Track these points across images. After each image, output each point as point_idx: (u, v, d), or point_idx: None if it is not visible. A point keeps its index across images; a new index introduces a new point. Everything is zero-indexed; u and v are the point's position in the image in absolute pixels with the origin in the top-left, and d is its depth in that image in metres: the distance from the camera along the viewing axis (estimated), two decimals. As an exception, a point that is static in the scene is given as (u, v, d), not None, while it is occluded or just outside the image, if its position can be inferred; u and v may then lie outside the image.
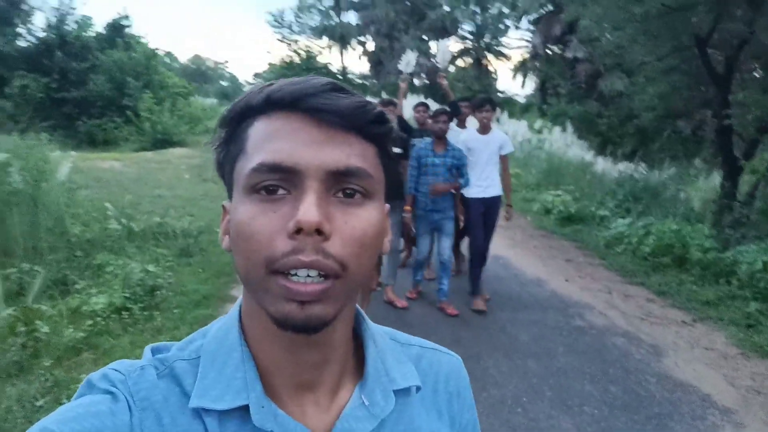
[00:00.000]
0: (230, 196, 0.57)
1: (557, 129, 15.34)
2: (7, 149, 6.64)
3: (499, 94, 36.79)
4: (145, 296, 4.83)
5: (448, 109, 4.88)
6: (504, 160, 4.97)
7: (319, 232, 0.48)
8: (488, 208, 4.90)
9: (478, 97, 5.14)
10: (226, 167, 0.57)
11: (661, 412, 3.30)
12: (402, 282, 5.11)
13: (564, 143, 14.64)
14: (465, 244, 5.47)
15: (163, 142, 17.19)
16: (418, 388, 0.65)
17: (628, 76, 16.03)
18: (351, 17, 41.69)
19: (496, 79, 41.23)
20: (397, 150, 4.67)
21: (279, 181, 0.51)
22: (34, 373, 3.61)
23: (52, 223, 6.04)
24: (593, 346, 4.17)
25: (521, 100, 37.36)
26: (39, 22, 29.39)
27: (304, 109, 0.52)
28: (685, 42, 8.27)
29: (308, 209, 0.48)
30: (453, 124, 5.08)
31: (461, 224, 5.20)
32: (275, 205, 0.51)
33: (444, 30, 40.66)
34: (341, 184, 0.52)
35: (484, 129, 4.88)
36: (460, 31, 41.62)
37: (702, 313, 4.78)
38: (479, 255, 4.92)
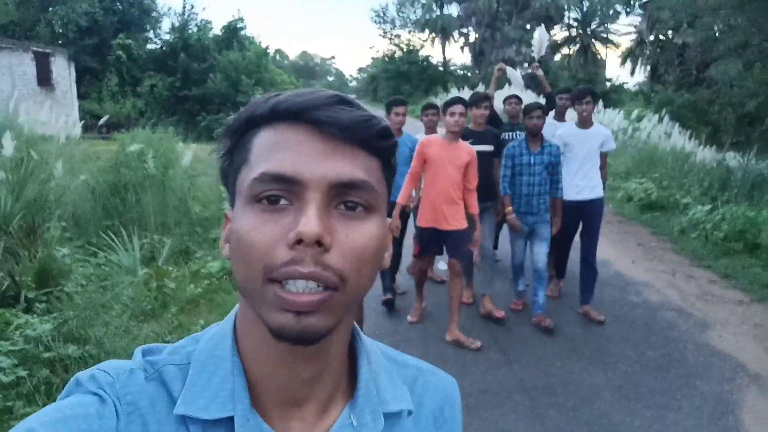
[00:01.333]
0: (232, 205, 0.57)
1: (656, 117, 14.94)
2: (141, 141, 7.84)
3: (606, 82, 35.74)
4: (250, 263, 5.71)
5: (542, 103, 4.55)
6: (603, 156, 4.54)
7: (319, 243, 0.49)
8: (586, 212, 4.45)
9: (578, 88, 4.65)
10: (230, 176, 0.58)
11: (690, 373, 3.64)
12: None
13: (663, 132, 14.29)
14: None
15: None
16: (410, 412, 0.64)
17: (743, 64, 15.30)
18: (452, 9, 41.91)
19: (603, 67, 39.96)
20: (488, 148, 4.47)
21: (281, 191, 0.51)
22: (164, 317, 4.52)
23: (177, 203, 7.11)
24: (642, 318, 4.50)
25: (631, 87, 35.97)
26: (165, 26, 32.23)
27: (308, 120, 0.52)
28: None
29: (309, 221, 0.49)
30: (550, 118, 4.80)
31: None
32: (277, 216, 0.51)
33: (548, 18, 39.94)
34: (344, 196, 0.52)
35: (584, 123, 4.41)
36: (565, 19, 40.78)
37: (761, 295, 4.93)
38: (587, 264, 4.52)
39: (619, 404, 3.28)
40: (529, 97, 14.86)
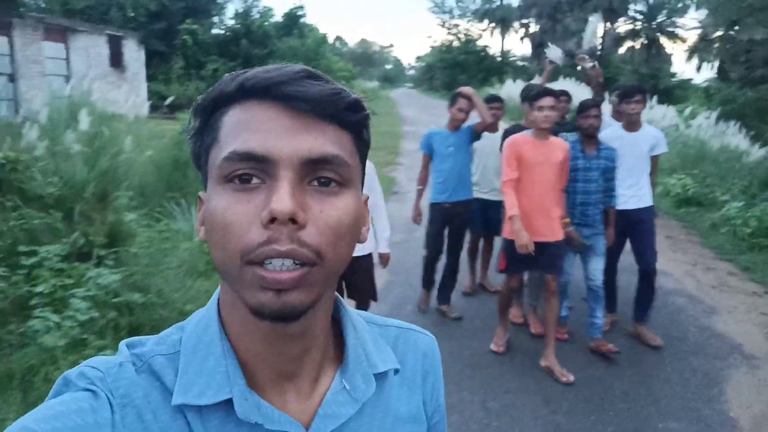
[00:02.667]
0: (206, 187, 0.57)
1: (713, 115, 14.71)
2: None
3: (672, 79, 34.76)
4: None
5: (597, 99, 4.16)
6: (654, 160, 4.09)
7: (293, 221, 0.49)
8: (634, 223, 4.02)
9: (628, 85, 4.19)
10: (201, 157, 0.57)
11: (687, 351, 3.93)
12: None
13: (718, 130, 14.08)
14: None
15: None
16: (396, 371, 0.67)
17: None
18: (512, -1, 41.49)
19: (668, 63, 38.76)
20: None
21: (252, 170, 0.51)
22: (213, 277, 5.09)
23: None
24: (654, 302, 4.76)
25: (699, 84, 34.81)
26: (229, 13, 33.27)
27: (277, 97, 0.52)
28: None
29: (281, 198, 0.49)
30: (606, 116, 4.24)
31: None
32: (249, 195, 0.51)
33: (611, 11, 39.00)
34: (316, 172, 0.52)
35: (632, 125, 3.98)
36: (629, 12, 39.72)
37: (777, 288, 5.10)
38: (646, 276, 4.13)
39: (612, 371, 3.63)
40: (575, 89, 14.81)
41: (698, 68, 35.27)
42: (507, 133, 3.97)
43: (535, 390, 3.38)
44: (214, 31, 26.54)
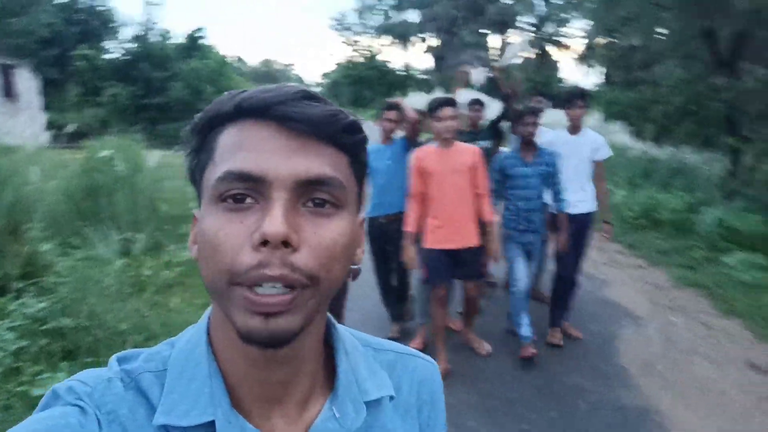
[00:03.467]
0: (200, 205, 0.56)
1: (597, 116, 16.07)
2: (109, 147, 8.43)
3: (560, 84, 37.17)
4: (218, 252, 6.36)
5: (539, 105, 4.16)
6: (599, 166, 4.14)
7: (285, 244, 0.48)
8: (577, 228, 4.03)
9: (569, 90, 4.29)
10: (196, 175, 0.57)
11: (585, 319, 4.48)
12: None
13: (605, 129, 15.39)
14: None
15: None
16: (392, 398, 0.65)
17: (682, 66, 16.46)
18: (412, 15, 42.85)
19: (557, 70, 41.39)
20: None
21: (246, 190, 0.51)
22: (141, 297, 5.15)
23: (146, 202, 7.71)
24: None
25: (588, 88, 37.28)
26: (125, 35, 32.24)
27: (274, 117, 0.52)
28: (693, 33, 9.08)
29: (274, 220, 0.48)
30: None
31: None
32: (242, 215, 0.50)
33: (503, 23, 41.25)
34: (311, 193, 0.52)
35: (575, 129, 4.05)
36: (518, 24, 42.15)
37: (657, 260, 5.85)
38: (567, 281, 4.21)
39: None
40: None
41: (585, 74, 37.91)
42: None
43: (461, 363, 3.77)
44: (111, 55, 25.72)
